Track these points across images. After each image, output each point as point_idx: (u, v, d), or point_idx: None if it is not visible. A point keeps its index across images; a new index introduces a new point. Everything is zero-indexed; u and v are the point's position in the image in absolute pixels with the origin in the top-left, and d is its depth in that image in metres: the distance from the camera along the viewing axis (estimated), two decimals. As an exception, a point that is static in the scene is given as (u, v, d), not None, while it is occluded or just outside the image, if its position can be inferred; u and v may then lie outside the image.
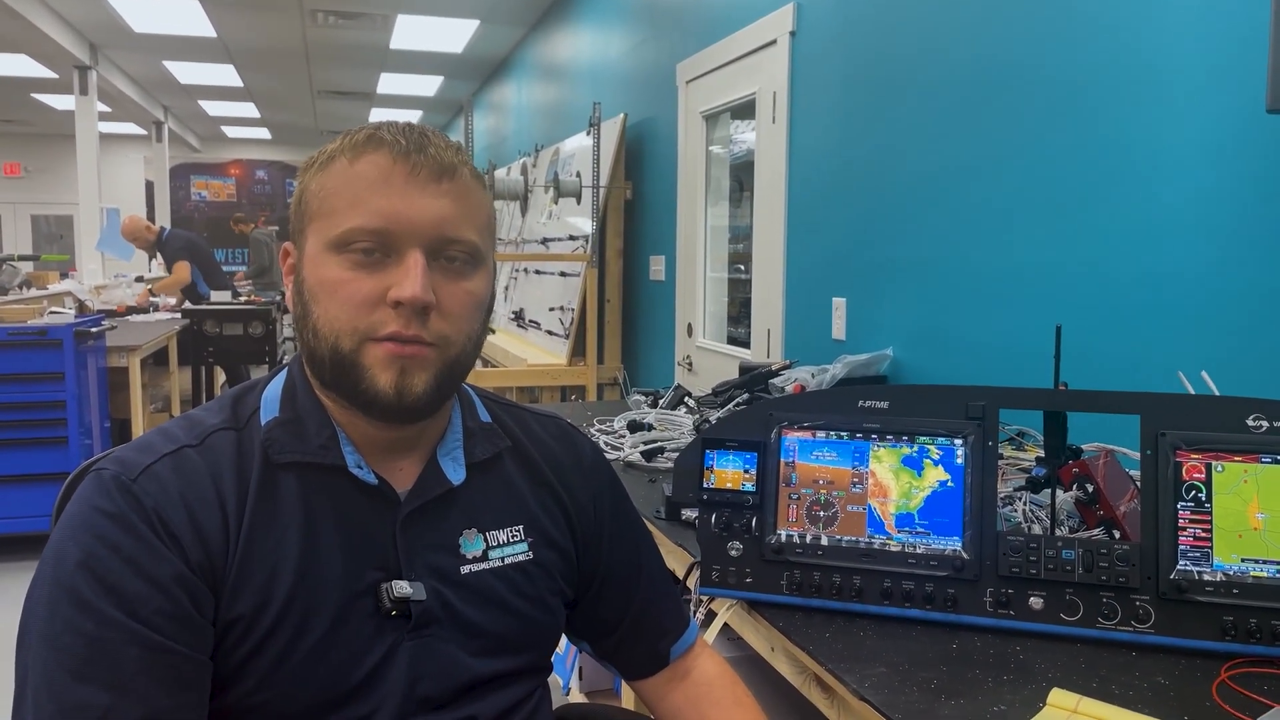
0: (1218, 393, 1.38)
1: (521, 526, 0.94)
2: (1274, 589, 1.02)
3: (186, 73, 9.22)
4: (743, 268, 3.59)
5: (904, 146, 2.45)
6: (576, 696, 2.47)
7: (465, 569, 0.89)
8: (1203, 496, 1.07)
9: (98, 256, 8.28)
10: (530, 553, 0.94)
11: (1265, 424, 1.08)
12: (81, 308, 5.26)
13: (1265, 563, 1.04)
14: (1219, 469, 1.07)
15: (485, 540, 0.91)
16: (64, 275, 7.62)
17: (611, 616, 1.05)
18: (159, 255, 6.98)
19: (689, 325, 3.96)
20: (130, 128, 12.68)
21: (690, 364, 3.95)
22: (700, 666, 1.08)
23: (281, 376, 0.91)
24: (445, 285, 0.83)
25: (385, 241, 0.81)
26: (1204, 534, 1.06)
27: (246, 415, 0.87)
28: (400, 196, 0.81)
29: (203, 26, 7.23)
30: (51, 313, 4.25)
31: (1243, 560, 1.05)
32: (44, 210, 14.50)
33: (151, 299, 6.34)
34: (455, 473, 0.91)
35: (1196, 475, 1.08)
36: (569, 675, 2.51)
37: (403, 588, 0.84)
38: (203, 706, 0.78)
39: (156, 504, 0.78)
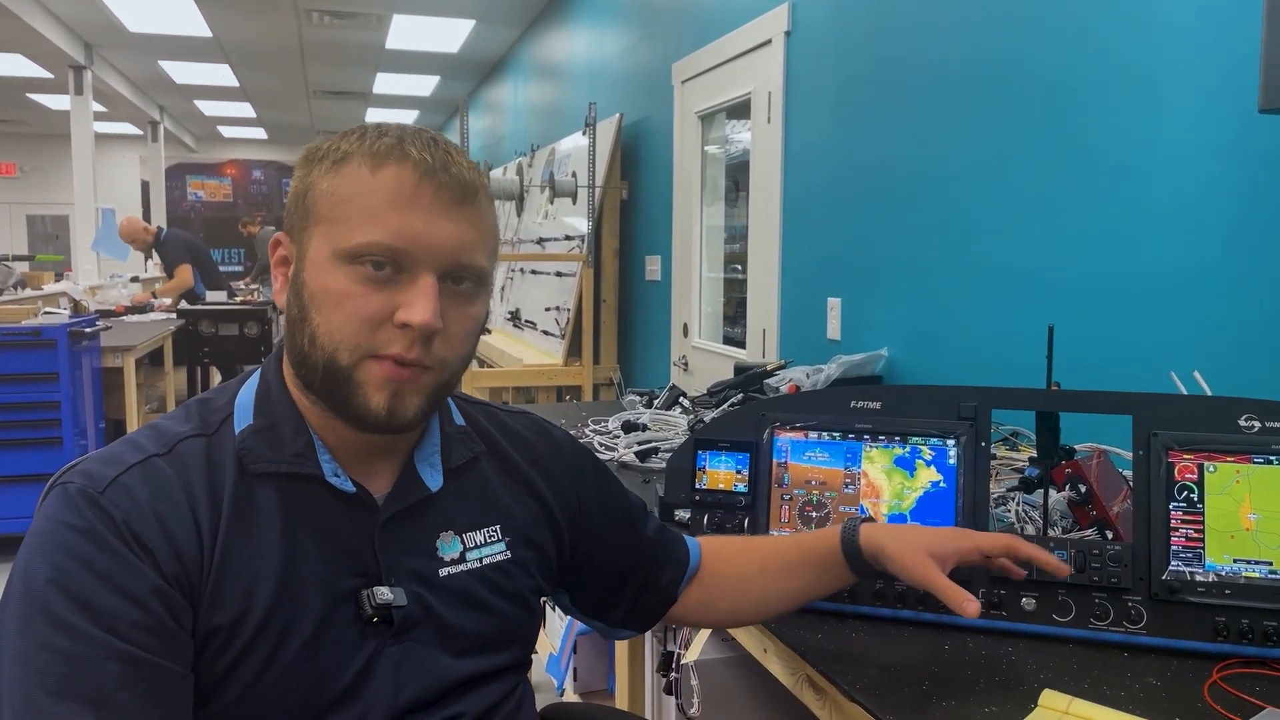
0: (1210, 393, 1.38)
1: (498, 527, 0.94)
2: (1266, 589, 1.02)
3: (182, 72, 9.20)
4: (739, 267, 3.59)
5: (899, 147, 2.45)
6: (571, 698, 2.47)
7: (444, 572, 0.89)
8: (1195, 497, 1.07)
9: (93, 257, 8.27)
10: (508, 552, 0.94)
11: (1257, 424, 1.08)
12: (76, 308, 5.26)
13: (1257, 563, 1.04)
14: (1211, 469, 1.07)
15: (462, 542, 0.91)
16: (59, 276, 7.58)
17: (617, 586, 1.06)
18: (155, 256, 6.96)
19: (685, 325, 3.95)
20: (126, 128, 12.67)
21: (686, 364, 3.95)
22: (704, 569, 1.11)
23: (254, 380, 0.89)
24: (451, 309, 0.82)
25: (399, 260, 0.80)
26: (1196, 535, 1.06)
27: (217, 421, 0.85)
28: (421, 217, 0.80)
29: (198, 26, 7.22)
30: (46, 313, 4.24)
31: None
32: (39, 210, 14.48)
33: (150, 299, 6.33)
34: (433, 479, 0.91)
35: (1189, 476, 1.07)
36: (563, 676, 2.51)
37: (384, 594, 0.84)
38: (187, 718, 0.77)
39: (126, 516, 0.76)
